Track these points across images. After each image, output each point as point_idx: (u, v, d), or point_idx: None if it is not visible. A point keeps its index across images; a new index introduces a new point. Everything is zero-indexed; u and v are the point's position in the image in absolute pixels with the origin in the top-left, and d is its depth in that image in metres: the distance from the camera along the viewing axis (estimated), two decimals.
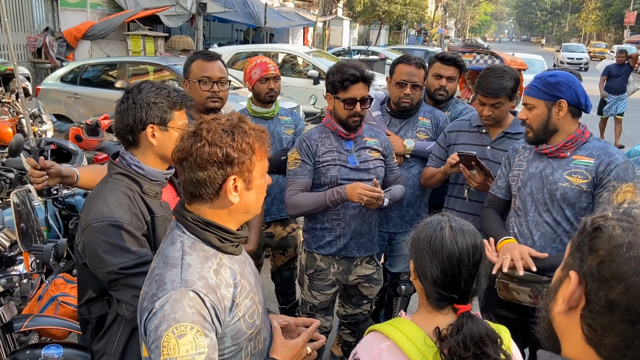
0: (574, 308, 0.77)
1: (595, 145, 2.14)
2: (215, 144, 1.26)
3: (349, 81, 2.43)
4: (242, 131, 1.30)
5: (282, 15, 19.95)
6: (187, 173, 1.29)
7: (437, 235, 1.39)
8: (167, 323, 1.20)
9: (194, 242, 1.32)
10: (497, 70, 2.54)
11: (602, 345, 0.73)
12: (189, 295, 1.22)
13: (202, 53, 2.65)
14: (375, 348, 1.40)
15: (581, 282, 0.76)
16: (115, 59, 9.22)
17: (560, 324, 0.81)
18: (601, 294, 0.72)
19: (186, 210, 1.35)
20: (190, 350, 1.19)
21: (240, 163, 1.29)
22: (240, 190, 1.32)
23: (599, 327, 0.73)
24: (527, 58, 11.70)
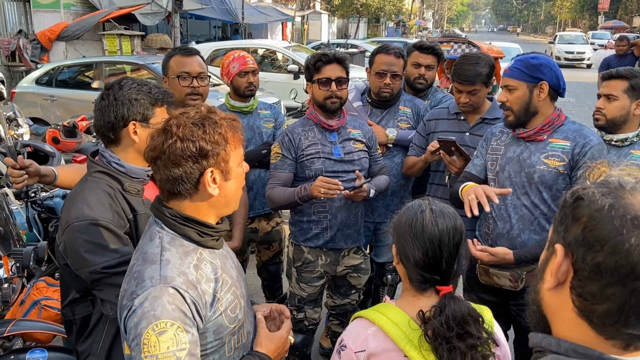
0: (562, 283, 0.78)
1: (571, 127, 2.18)
2: (187, 139, 1.24)
3: (321, 62, 2.48)
4: (213, 122, 1.28)
5: (260, 10, 19.84)
6: (163, 171, 1.27)
7: (418, 218, 1.41)
8: (147, 320, 1.19)
9: (173, 237, 1.31)
10: (471, 58, 2.57)
11: (594, 314, 0.74)
12: (168, 292, 1.21)
13: (181, 49, 2.62)
14: (361, 334, 1.41)
15: (567, 253, 0.76)
16: (91, 59, 9.08)
17: (550, 302, 0.81)
18: (588, 259, 0.73)
19: (164, 206, 1.33)
20: (172, 347, 1.19)
21: (215, 155, 1.27)
22: (219, 182, 1.31)
23: (589, 295, 0.73)
24: (503, 46, 11.81)
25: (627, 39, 8.13)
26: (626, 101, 2.34)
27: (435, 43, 3.24)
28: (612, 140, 2.40)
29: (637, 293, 0.69)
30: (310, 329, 2.79)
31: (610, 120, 2.37)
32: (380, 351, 1.37)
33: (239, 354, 1.41)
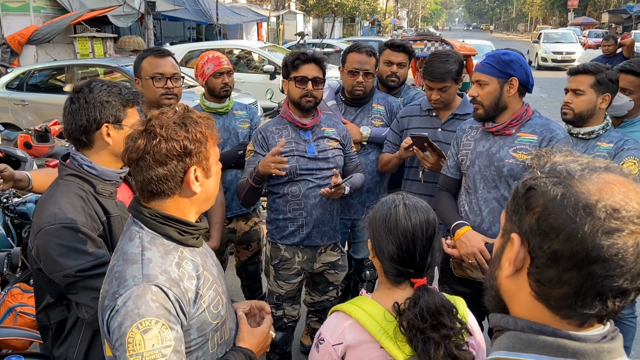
0: (519, 269, 0.81)
1: (538, 122, 2.24)
2: (171, 138, 1.26)
3: (299, 60, 2.51)
4: (194, 121, 1.31)
5: (234, 11, 19.74)
6: (146, 172, 1.28)
7: (392, 213, 1.44)
8: (131, 319, 1.19)
9: (153, 237, 1.32)
10: (441, 55, 2.62)
11: (552, 297, 0.78)
12: (151, 290, 1.22)
13: (153, 50, 2.61)
14: (338, 327, 1.43)
15: (523, 242, 0.79)
16: (63, 63, 8.93)
17: (507, 287, 0.85)
18: (545, 247, 0.76)
19: (143, 206, 1.34)
20: (157, 344, 1.19)
21: (198, 153, 1.30)
22: (201, 180, 1.33)
23: (547, 281, 0.77)
24: (476, 44, 11.98)
25: (614, 38, 7.29)
26: (593, 95, 2.40)
27: (406, 41, 3.29)
28: (579, 133, 2.47)
29: (592, 276, 0.73)
30: (290, 326, 2.81)
31: (577, 114, 2.44)
32: (357, 343, 1.40)
33: (222, 350, 1.43)
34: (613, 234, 0.71)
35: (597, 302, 0.75)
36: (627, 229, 0.71)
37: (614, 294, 0.74)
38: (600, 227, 0.71)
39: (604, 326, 0.79)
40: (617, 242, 0.71)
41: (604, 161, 0.80)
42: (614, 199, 0.72)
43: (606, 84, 2.40)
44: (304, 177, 2.57)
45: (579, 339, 0.76)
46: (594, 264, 0.72)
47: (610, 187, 0.74)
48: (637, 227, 0.72)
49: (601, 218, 0.71)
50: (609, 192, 0.73)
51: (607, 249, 0.71)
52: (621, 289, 0.73)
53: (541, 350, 0.77)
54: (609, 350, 0.76)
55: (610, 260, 0.72)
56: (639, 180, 0.78)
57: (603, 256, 0.71)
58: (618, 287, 0.73)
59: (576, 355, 0.75)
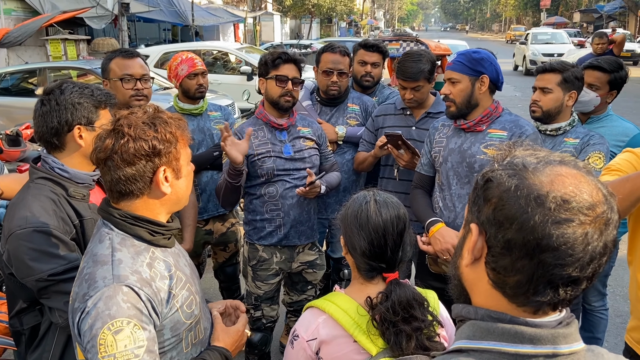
0: (478, 258, 0.84)
1: (507, 118, 2.29)
2: (140, 138, 1.26)
3: (280, 59, 2.50)
4: (163, 121, 1.31)
5: (210, 12, 19.59)
6: (114, 172, 1.27)
7: (363, 209, 1.47)
8: (102, 320, 1.19)
9: (124, 238, 1.31)
10: (414, 55, 2.66)
11: (507, 285, 0.80)
12: (122, 290, 1.22)
13: (121, 51, 2.59)
14: (312, 323, 1.45)
15: (481, 231, 0.82)
16: (35, 65, 8.78)
17: (468, 276, 0.88)
18: (499, 237, 0.78)
19: (113, 208, 1.33)
20: (129, 345, 1.19)
21: (167, 153, 1.30)
22: (171, 180, 1.33)
23: (502, 269, 0.80)
24: (451, 44, 12.12)
25: (606, 35, 6.81)
26: (560, 93, 2.46)
27: (379, 41, 3.32)
28: (547, 130, 2.53)
29: (543, 265, 0.76)
30: (269, 326, 2.81)
31: (546, 111, 2.49)
32: (331, 338, 1.42)
33: (196, 349, 1.43)
34: (562, 224, 0.74)
35: (548, 290, 0.78)
36: (576, 220, 0.74)
37: (564, 282, 0.77)
38: (550, 217, 0.74)
39: (560, 313, 0.82)
40: (567, 232, 0.74)
41: (561, 155, 0.83)
42: (564, 191, 0.75)
43: (572, 81, 2.46)
44: (281, 177, 2.57)
45: (535, 325, 0.79)
46: (545, 252, 0.75)
47: (562, 179, 0.77)
48: (587, 218, 0.75)
49: (551, 209, 0.74)
50: (560, 184, 0.76)
51: (557, 238, 0.74)
52: (571, 277, 0.76)
53: (500, 338, 0.80)
54: (564, 335, 0.79)
55: (559, 249, 0.74)
56: (594, 173, 0.81)
57: (553, 245, 0.74)
58: (568, 275, 0.76)
59: (533, 341, 0.78)
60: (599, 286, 2.97)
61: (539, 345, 0.78)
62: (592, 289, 2.95)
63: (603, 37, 6.73)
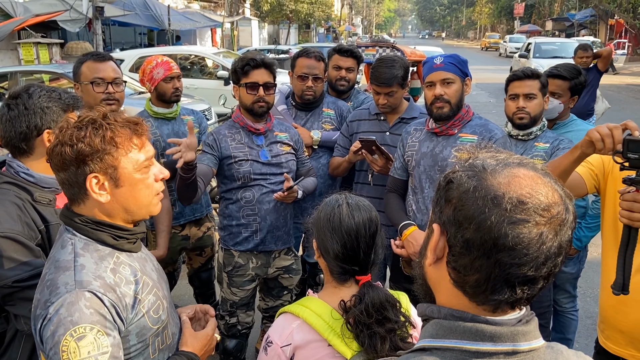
0: (440, 258, 0.85)
1: (477, 122, 2.34)
2: (66, 143, 1.22)
3: (249, 66, 2.48)
4: (97, 125, 1.24)
5: (187, 17, 19.47)
6: (55, 175, 1.27)
7: (335, 212, 1.47)
8: (65, 327, 1.16)
9: (87, 243, 1.29)
10: (387, 61, 2.68)
11: (467, 284, 0.82)
12: (85, 296, 1.19)
13: (92, 54, 2.55)
14: (286, 329, 1.44)
15: (443, 232, 0.84)
16: (5, 69, 8.59)
17: (431, 276, 0.89)
18: (458, 236, 0.80)
19: (73, 213, 1.30)
20: (93, 351, 1.17)
21: (98, 160, 1.23)
22: (110, 189, 1.27)
23: (462, 268, 0.81)
24: (426, 50, 12.27)
25: (591, 48, 5.79)
26: (540, 99, 2.49)
27: (354, 46, 3.35)
28: (519, 135, 2.58)
29: (500, 264, 0.78)
30: (244, 333, 2.79)
31: (533, 117, 2.48)
32: (305, 343, 1.41)
33: (164, 355, 1.41)
34: (518, 225, 0.76)
35: (506, 289, 0.79)
36: (532, 220, 0.76)
37: (520, 282, 0.79)
38: (506, 217, 0.76)
39: (519, 311, 0.84)
40: (522, 232, 0.76)
41: (520, 157, 0.85)
42: (521, 192, 0.77)
43: (546, 86, 2.52)
44: (258, 182, 2.56)
45: (495, 323, 0.81)
46: (501, 252, 0.77)
47: (519, 181, 0.78)
48: (542, 219, 0.76)
49: (507, 209, 0.76)
50: (517, 185, 0.78)
51: (512, 238, 0.76)
52: (527, 276, 0.78)
53: (462, 336, 0.81)
54: (523, 332, 0.81)
55: (515, 248, 0.76)
56: (549, 174, 0.83)
57: (508, 245, 0.76)
58: (524, 274, 0.78)
59: (493, 339, 0.80)
60: (569, 288, 3.03)
61: (499, 342, 0.80)
62: (562, 291, 3.00)
63: (588, 50, 5.67)
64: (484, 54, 41.01)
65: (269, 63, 2.52)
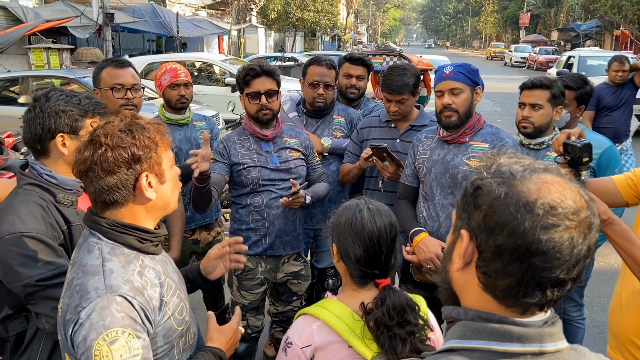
0: (469, 263, 0.87)
1: (489, 131, 2.37)
2: (117, 146, 1.26)
3: (249, 76, 2.52)
4: (141, 127, 1.30)
5: (195, 24, 19.65)
6: (96, 183, 1.27)
7: (357, 217, 1.50)
8: (97, 331, 1.18)
9: (113, 247, 1.31)
10: (399, 69, 2.72)
11: (497, 288, 0.84)
12: (116, 300, 1.22)
13: (113, 60, 2.60)
14: (306, 330, 1.46)
15: (472, 237, 0.86)
16: (17, 74, 8.70)
17: (458, 280, 0.91)
18: (490, 242, 0.82)
19: (99, 217, 1.33)
20: (125, 354, 1.19)
21: (148, 159, 1.30)
22: (155, 186, 1.33)
23: (493, 273, 0.84)
24: (433, 59, 12.32)
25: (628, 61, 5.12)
26: (549, 109, 2.49)
27: (364, 54, 3.39)
28: (531, 144, 2.60)
29: (533, 268, 0.80)
30: (254, 337, 2.82)
31: (537, 127, 2.50)
32: (326, 344, 1.43)
33: (186, 355, 1.44)
34: (550, 229, 0.78)
35: (537, 292, 0.82)
36: (562, 225, 0.79)
37: (552, 284, 0.81)
38: (539, 223, 0.78)
39: (545, 313, 0.87)
40: (554, 236, 0.78)
41: (544, 163, 0.87)
42: (551, 197, 0.80)
43: (559, 97, 2.50)
44: (267, 187, 2.60)
45: (523, 324, 0.83)
46: (534, 256, 0.79)
47: (548, 187, 0.81)
48: (572, 223, 0.79)
49: (540, 215, 0.79)
50: (546, 191, 0.81)
51: (545, 242, 0.78)
52: (558, 279, 0.81)
53: (489, 337, 0.83)
54: (549, 334, 0.83)
55: (548, 253, 0.79)
56: (573, 180, 0.86)
57: (542, 249, 0.79)
58: (556, 277, 0.80)
59: (521, 340, 0.82)
60: (576, 297, 3.04)
61: (526, 343, 0.82)
62: (569, 300, 3.02)
63: (624, 63, 5.02)
64: (489, 63, 41.03)
65: (269, 70, 2.55)
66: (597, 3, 31.18)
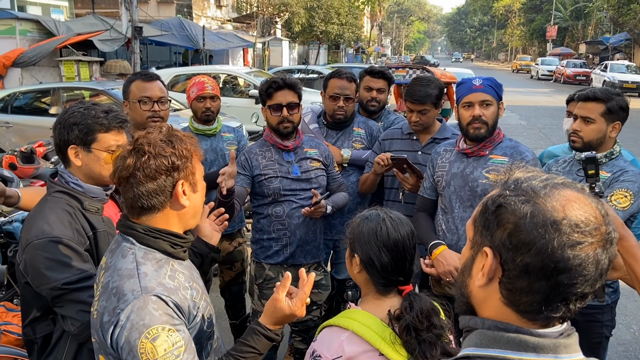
0: (491, 279, 0.88)
1: (508, 144, 2.37)
2: (159, 155, 1.33)
3: (272, 88, 2.58)
4: (179, 139, 1.39)
5: (221, 37, 19.99)
6: (136, 188, 1.34)
7: (382, 226, 1.54)
8: (138, 331, 1.24)
9: (146, 251, 1.37)
10: (423, 80, 2.76)
11: (521, 303, 0.85)
12: (152, 300, 1.27)
13: (141, 74, 2.69)
14: (334, 341, 1.46)
15: (495, 255, 0.86)
16: (49, 85, 8.98)
17: (478, 295, 0.92)
18: (517, 261, 0.83)
19: (134, 222, 1.39)
20: (168, 348, 1.25)
21: (185, 168, 1.37)
22: (189, 194, 1.40)
23: (518, 290, 0.84)
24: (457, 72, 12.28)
25: None
26: (603, 124, 2.30)
27: (384, 68, 3.43)
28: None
29: (559, 285, 0.81)
30: (274, 345, 2.83)
31: (587, 142, 2.32)
32: (357, 354, 1.43)
33: (212, 358, 1.49)
34: (576, 247, 0.79)
35: (562, 306, 0.83)
36: (586, 242, 0.80)
37: (576, 298, 0.83)
38: (566, 241, 0.79)
39: (561, 325, 0.87)
40: (580, 254, 0.80)
41: (562, 178, 0.88)
42: (575, 215, 0.81)
43: (617, 112, 2.30)
44: (288, 197, 2.64)
45: (538, 335, 0.84)
46: (562, 274, 0.80)
47: (571, 204, 0.82)
48: (595, 239, 0.80)
49: (567, 233, 0.80)
50: (570, 208, 0.81)
51: (572, 260, 0.79)
52: (584, 293, 0.82)
53: (505, 346, 0.84)
54: (565, 345, 0.84)
55: (574, 270, 0.80)
56: (590, 194, 0.87)
57: (569, 267, 0.80)
58: (581, 292, 0.82)
59: (536, 350, 0.83)
60: None
61: (541, 353, 0.83)
62: None
63: None
64: (515, 76, 40.63)
65: (291, 83, 2.60)
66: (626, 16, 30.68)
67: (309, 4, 28.07)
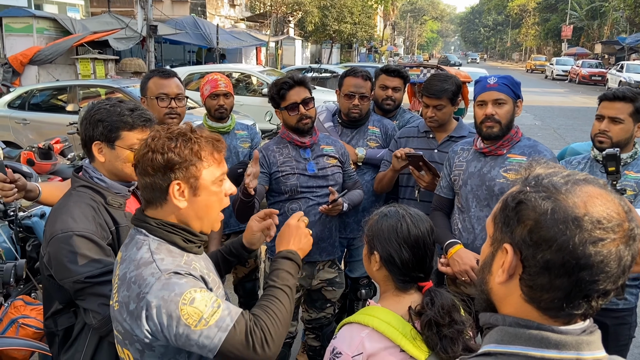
0: (512, 276, 0.88)
1: (526, 144, 2.35)
2: (157, 151, 1.33)
3: (284, 89, 2.58)
4: (187, 138, 1.35)
5: (234, 36, 20.09)
6: (140, 178, 1.38)
7: (402, 223, 1.54)
8: (174, 302, 1.27)
9: (160, 243, 1.38)
10: (441, 76, 2.76)
11: (542, 300, 0.85)
12: (174, 275, 1.31)
13: (159, 71, 2.71)
14: (355, 338, 1.46)
15: (515, 251, 0.86)
16: (65, 83, 9.07)
17: (498, 292, 0.91)
18: (538, 257, 0.82)
19: (147, 216, 1.41)
20: (208, 303, 1.29)
21: (184, 169, 1.34)
22: (188, 196, 1.38)
23: (539, 287, 0.84)
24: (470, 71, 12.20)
25: None
26: (631, 124, 2.28)
27: (400, 66, 3.42)
28: None
29: (581, 282, 0.81)
30: (287, 342, 2.85)
31: (615, 143, 2.28)
32: (377, 350, 1.43)
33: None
34: (598, 243, 0.79)
35: (583, 303, 0.83)
36: (609, 238, 0.79)
37: (598, 295, 0.82)
38: (588, 237, 0.79)
39: (583, 322, 0.87)
40: (602, 250, 0.79)
41: (583, 174, 0.87)
42: (597, 211, 0.80)
43: None
44: (304, 194, 2.65)
45: (560, 332, 0.84)
46: (583, 270, 0.80)
47: (593, 200, 0.81)
48: (617, 236, 0.80)
49: (588, 229, 0.79)
50: (592, 204, 0.81)
51: (594, 256, 0.79)
52: (605, 290, 0.82)
53: (527, 342, 0.84)
54: (587, 342, 0.84)
55: (596, 266, 0.79)
56: (612, 190, 0.86)
57: (591, 263, 0.79)
58: (603, 289, 0.81)
59: (558, 346, 0.83)
60: None
61: (563, 350, 0.83)
62: None
63: None
64: (529, 76, 40.27)
65: (300, 80, 2.61)
66: None
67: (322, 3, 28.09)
